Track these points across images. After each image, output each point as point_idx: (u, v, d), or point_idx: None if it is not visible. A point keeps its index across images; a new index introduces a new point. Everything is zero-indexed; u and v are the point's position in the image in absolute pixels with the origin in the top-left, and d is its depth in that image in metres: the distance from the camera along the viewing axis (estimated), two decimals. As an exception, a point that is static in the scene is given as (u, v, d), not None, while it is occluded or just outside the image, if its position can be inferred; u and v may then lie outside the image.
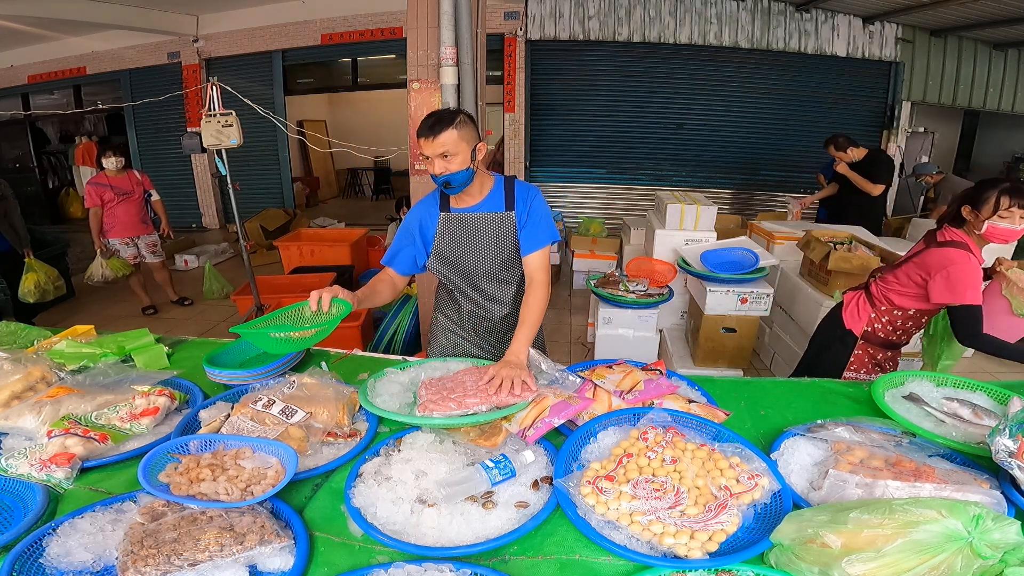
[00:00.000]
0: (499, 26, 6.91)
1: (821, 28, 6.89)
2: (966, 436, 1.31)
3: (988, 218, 1.78)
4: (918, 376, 1.61)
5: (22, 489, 1.15)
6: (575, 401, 1.34)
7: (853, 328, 2.13)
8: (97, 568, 0.95)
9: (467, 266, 1.77)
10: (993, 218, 1.77)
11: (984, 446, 1.21)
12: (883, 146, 7.16)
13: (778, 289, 3.57)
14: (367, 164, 11.43)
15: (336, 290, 1.52)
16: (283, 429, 1.29)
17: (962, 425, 1.35)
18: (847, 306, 2.19)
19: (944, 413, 1.40)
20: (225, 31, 7.78)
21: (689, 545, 0.96)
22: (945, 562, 0.79)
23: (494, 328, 1.92)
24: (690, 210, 3.55)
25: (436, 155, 1.54)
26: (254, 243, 6.77)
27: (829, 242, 3.14)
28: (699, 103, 7.20)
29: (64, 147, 9.77)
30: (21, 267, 4.33)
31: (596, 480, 1.10)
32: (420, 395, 1.37)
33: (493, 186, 1.74)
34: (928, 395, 1.51)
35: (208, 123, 3.90)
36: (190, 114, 8.10)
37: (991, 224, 1.77)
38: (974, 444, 1.26)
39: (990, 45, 7.07)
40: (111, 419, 1.35)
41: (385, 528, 1.03)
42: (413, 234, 1.77)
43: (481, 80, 3.17)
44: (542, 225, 1.71)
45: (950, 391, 1.55)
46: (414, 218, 1.77)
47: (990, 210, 1.77)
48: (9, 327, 2.00)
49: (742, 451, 1.18)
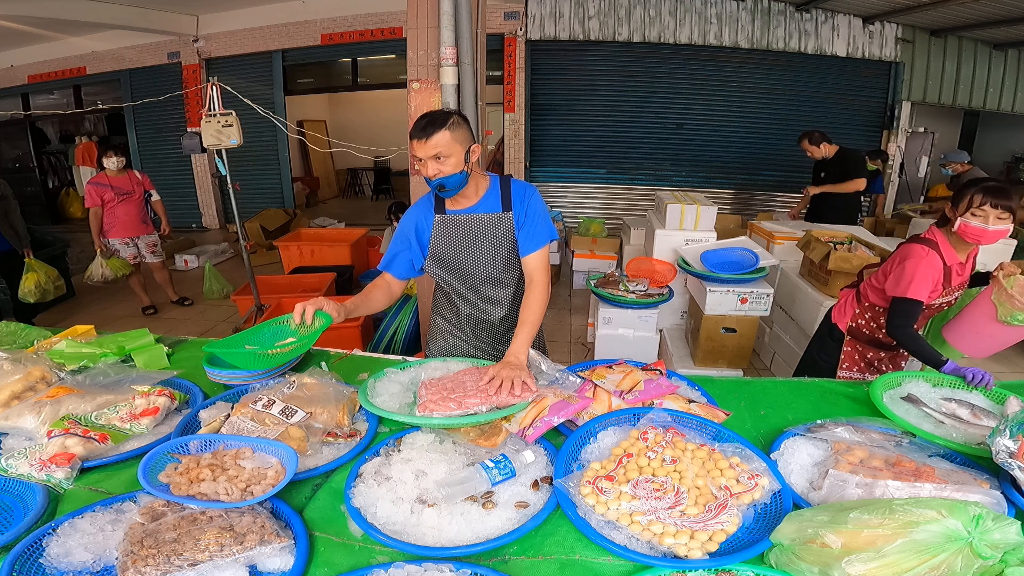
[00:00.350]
0: (499, 26, 6.91)
1: (821, 28, 6.89)
2: (966, 437, 1.31)
3: (962, 215, 1.78)
4: (915, 377, 1.61)
5: (22, 489, 1.15)
6: (575, 400, 1.34)
7: (839, 323, 2.15)
8: (97, 568, 0.95)
9: (464, 268, 1.75)
10: (966, 215, 1.76)
11: (984, 447, 1.21)
12: (883, 146, 7.17)
13: (778, 289, 3.57)
14: (367, 164, 11.43)
15: (320, 302, 1.51)
16: (283, 429, 1.29)
17: (961, 426, 1.36)
18: (838, 302, 2.23)
19: (943, 414, 1.40)
20: (225, 31, 7.78)
21: (689, 545, 0.96)
22: (945, 562, 0.79)
23: (493, 330, 1.90)
24: (690, 210, 3.55)
25: (429, 157, 1.52)
26: (254, 243, 6.77)
27: (829, 242, 3.15)
28: (699, 103, 7.21)
29: (64, 147, 9.77)
30: (21, 267, 4.33)
31: (596, 480, 1.10)
32: (420, 395, 1.37)
33: (489, 186, 1.72)
34: (926, 396, 1.51)
35: (208, 123, 3.90)
36: (190, 114, 8.10)
37: (963, 221, 1.77)
38: (974, 445, 1.27)
39: (990, 45, 7.07)
40: (111, 419, 1.35)
41: (385, 528, 1.03)
42: (409, 238, 1.74)
43: (481, 80, 3.17)
44: (540, 224, 1.69)
45: (947, 391, 1.56)
46: (410, 221, 1.75)
47: (964, 207, 1.77)
48: (9, 327, 2.00)
49: (742, 451, 1.18)
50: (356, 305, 1.65)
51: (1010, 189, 1.73)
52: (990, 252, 3.87)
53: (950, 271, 1.87)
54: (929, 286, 1.84)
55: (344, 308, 1.56)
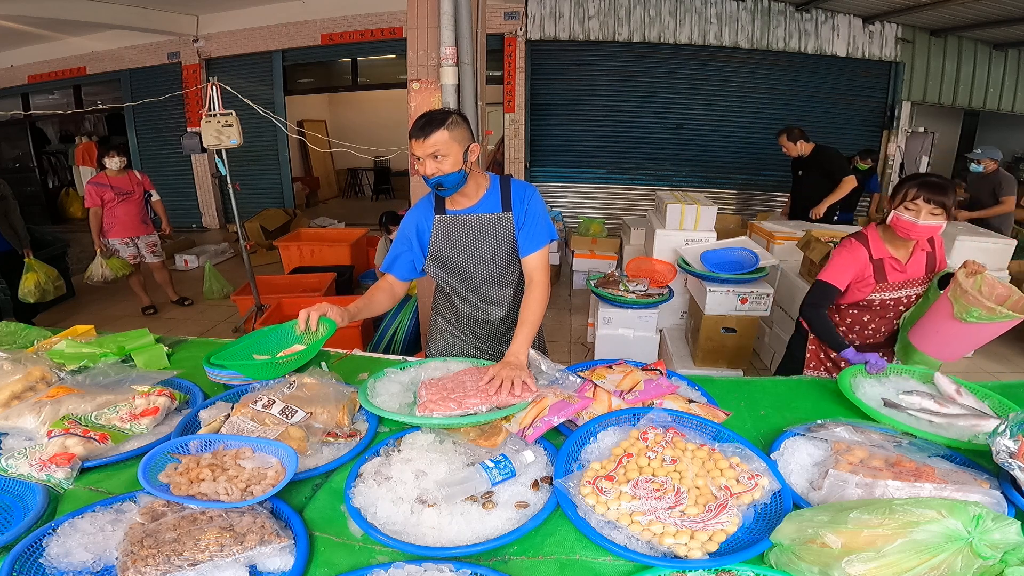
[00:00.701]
0: (499, 26, 6.91)
1: (821, 28, 6.89)
2: (958, 432, 1.33)
3: (895, 208, 1.79)
4: (858, 374, 1.63)
5: (22, 489, 1.15)
6: (575, 400, 1.34)
7: (803, 321, 2.17)
8: (97, 568, 0.95)
9: (464, 269, 1.76)
10: (899, 208, 1.77)
11: (978, 439, 1.25)
12: (883, 146, 7.17)
13: (778, 289, 3.57)
14: (367, 164, 11.43)
15: (324, 307, 1.52)
16: (283, 429, 1.29)
17: (940, 420, 1.38)
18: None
19: (915, 410, 1.43)
20: (225, 31, 7.78)
21: (689, 545, 0.96)
22: (945, 562, 0.79)
23: (492, 330, 1.90)
24: (690, 210, 3.55)
25: (427, 155, 1.53)
26: (254, 243, 6.76)
27: (829, 242, 3.14)
28: (699, 103, 7.20)
29: (64, 147, 9.77)
30: (21, 267, 4.33)
31: (596, 480, 1.10)
32: (420, 395, 1.37)
33: (489, 186, 1.72)
34: (885, 393, 1.54)
35: (208, 123, 3.90)
36: (190, 114, 8.10)
37: (895, 214, 1.79)
38: (966, 440, 1.28)
39: (990, 45, 7.07)
40: (111, 419, 1.35)
41: (385, 528, 1.03)
42: (410, 239, 1.75)
43: (481, 80, 3.17)
44: (540, 225, 1.69)
45: (897, 383, 1.60)
46: (410, 222, 1.75)
47: (899, 200, 1.78)
48: (9, 327, 2.00)
49: (742, 451, 1.18)
50: (360, 308, 1.66)
51: (947, 185, 1.74)
52: (989, 252, 3.88)
53: (882, 264, 1.90)
54: (846, 274, 1.91)
55: (348, 312, 1.58)
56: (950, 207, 1.73)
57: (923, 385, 1.58)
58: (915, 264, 1.94)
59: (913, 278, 1.95)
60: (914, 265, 1.94)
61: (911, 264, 1.93)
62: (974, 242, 3.86)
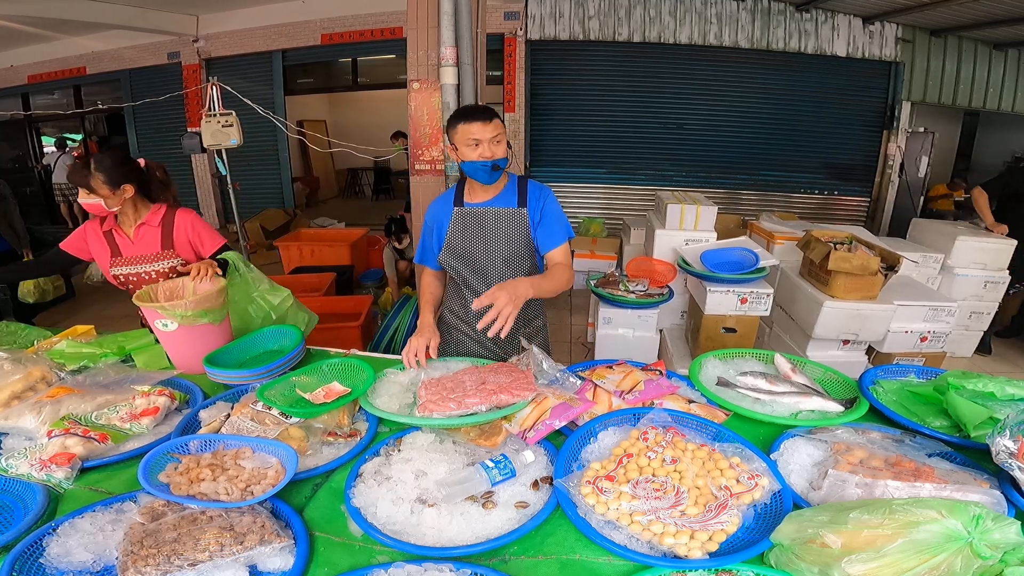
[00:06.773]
0: (499, 26, 6.91)
1: (821, 28, 6.88)
2: (781, 409, 1.41)
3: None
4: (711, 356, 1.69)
5: (22, 489, 1.15)
6: (576, 403, 1.34)
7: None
8: (97, 568, 0.95)
9: (477, 260, 1.80)
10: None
11: (800, 415, 1.38)
12: (883, 146, 7.17)
13: (778, 289, 3.56)
14: (367, 164, 11.42)
15: (427, 337, 1.62)
16: (283, 429, 1.29)
17: (766, 397, 1.43)
18: None
19: (749, 390, 1.47)
20: (225, 31, 7.78)
21: (689, 545, 0.96)
22: (945, 562, 0.79)
23: None
24: (690, 210, 3.55)
25: (489, 138, 1.62)
26: (254, 243, 6.77)
27: (829, 242, 3.14)
28: (699, 103, 7.20)
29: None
30: (21, 267, 4.33)
31: (596, 480, 1.10)
32: (420, 395, 1.37)
33: (507, 183, 1.83)
34: (725, 374, 1.59)
35: (208, 123, 3.91)
36: (190, 114, 8.10)
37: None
38: (789, 416, 1.37)
39: (990, 45, 7.07)
40: (111, 419, 1.35)
41: (385, 528, 1.03)
42: (432, 231, 1.86)
43: (481, 80, 3.17)
44: (557, 223, 1.79)
45: (739, 364, 1.66)
46: (432, 215, 1.86)
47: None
48: (9, 327, 2.00)
49: (742, 451, 1.18)
50: (436, 305, 1.81)
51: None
52: (989, 252, 3.87)
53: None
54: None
55: (433, 321, 1.74)
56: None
57: (763, 365, 1.66)
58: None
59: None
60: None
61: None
62: (975, 242, 3.86)
